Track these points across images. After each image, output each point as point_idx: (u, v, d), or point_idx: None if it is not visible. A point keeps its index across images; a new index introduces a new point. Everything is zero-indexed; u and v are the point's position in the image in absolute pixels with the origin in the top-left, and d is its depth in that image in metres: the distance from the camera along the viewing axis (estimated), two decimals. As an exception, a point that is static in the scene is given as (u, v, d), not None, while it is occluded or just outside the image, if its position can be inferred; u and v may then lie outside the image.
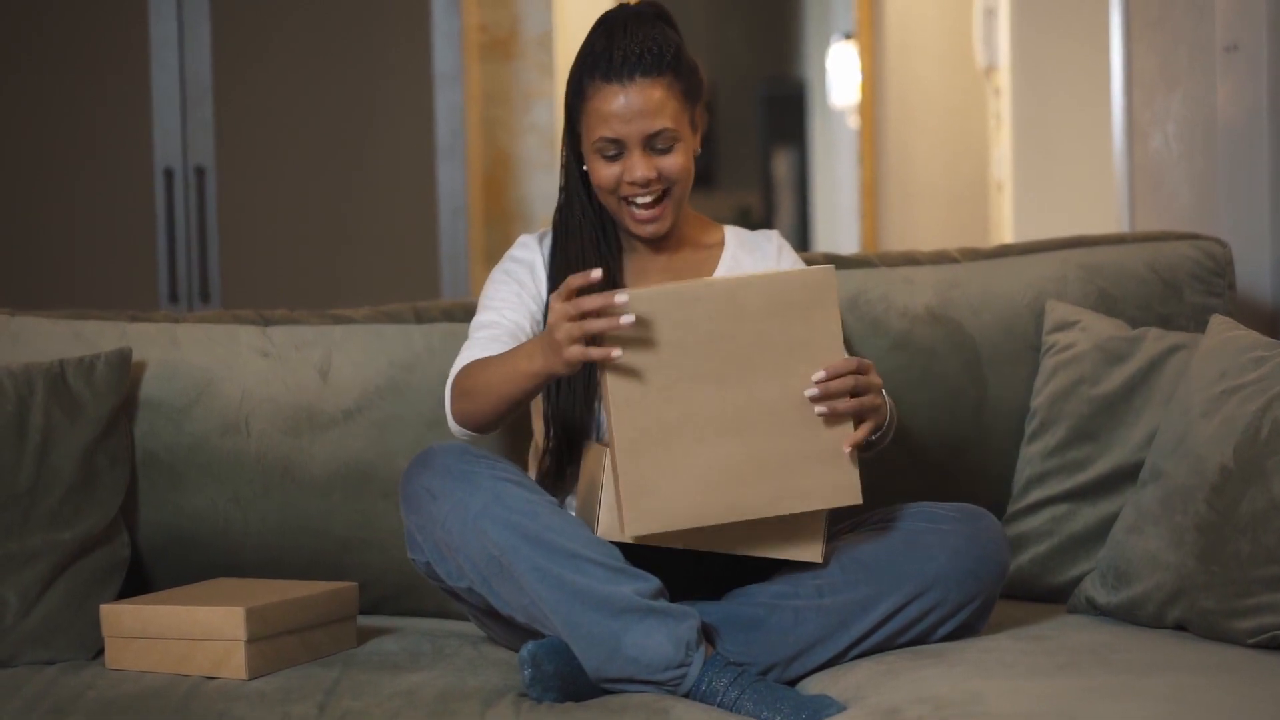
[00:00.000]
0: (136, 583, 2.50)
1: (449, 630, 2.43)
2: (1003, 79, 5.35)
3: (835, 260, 2.66)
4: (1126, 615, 2.26)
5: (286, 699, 2.10)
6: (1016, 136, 5.16)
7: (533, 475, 2.38)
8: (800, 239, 9.94)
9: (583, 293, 2.06)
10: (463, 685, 2.14)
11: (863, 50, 7.63)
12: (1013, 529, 2.50)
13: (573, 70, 2.34)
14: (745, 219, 9.49)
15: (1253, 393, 2.17)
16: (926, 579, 2.17)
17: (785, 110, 10.50)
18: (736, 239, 2.48)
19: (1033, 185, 5.14)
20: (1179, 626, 2.20)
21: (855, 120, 7.89)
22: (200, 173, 4.06)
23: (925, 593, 2.17)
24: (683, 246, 2.45)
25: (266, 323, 2.62)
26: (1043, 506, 2.49)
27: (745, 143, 10.60)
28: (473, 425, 2.28)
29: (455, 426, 2.31)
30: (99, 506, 2.41)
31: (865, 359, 2.11)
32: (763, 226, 2.67)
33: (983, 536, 2.21)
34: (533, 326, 2.38)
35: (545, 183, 4.45)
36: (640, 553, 2.14)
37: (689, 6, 9.61)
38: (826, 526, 2.19)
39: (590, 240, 2.39)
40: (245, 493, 2.53)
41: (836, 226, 9.07)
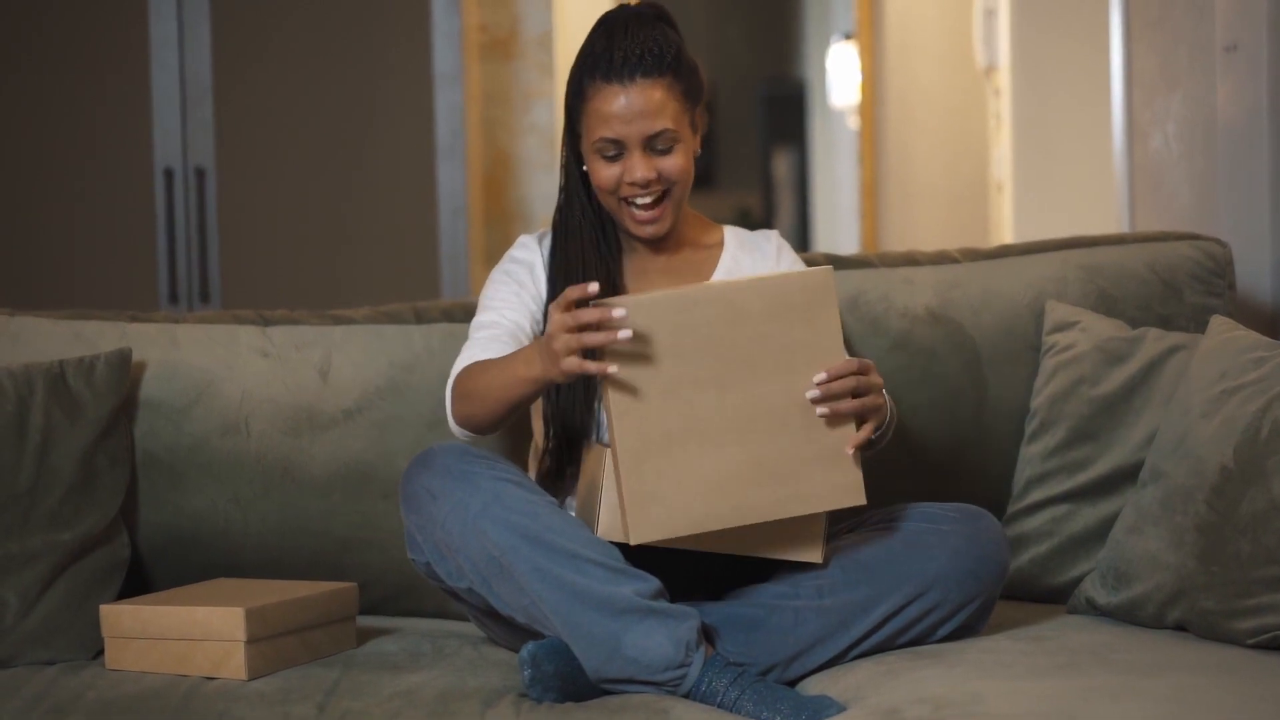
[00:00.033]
0: (136, 583, 2.50)
1: (449, 631, 2.43)
2: (1003, 79, 5.35)
3: (835, 260, 2.66)
4: (1126, 616, 2.26)
5: (286, 699, 2.10)
6: (1016, 137, 5.15)
7: (532, 475, 2.38)
8: (800, 239, 9.94)
9: (581, 304, 2.06)
10: (463, 686, 2.13)
11: (863, 50, 7.63)
12: (1013, 529, 2.50)
13: (573, 71, 2.34)
14: (745, 219, 9.48)
15: (1253, 393, 2.17)
16: (926, 579, 2.17)
17: (785, 110, 10.50)
18: (736, 239, 2.48)
19: (1033, 185, 5.13)
20: (1179, 627, 2.20)
21: (855, 120, 7.89)
22: (200, 173, 4.06)
23: (925, 593, 2.17)
24: (682, 247, 2.45)
25: (266, 323, 2.62)
26: (1043, 507, 2.49)
27: (745, 143, 10.59)
28: (473, 427, 2.28)
29: (456, 427, 2.31)
30: (99, 507, 2.41)
31: (866, 359, 2.11)
32: (763, 227, 2.67)
33: (983, 537, 2.21)
34: (532, 326, 2.38)
35: (545, 183, 4.45)
36: (640, 553, 2.14)
37: (689, 7, 9.61)
38: (826, 527, 2.19)
39: (590, 241, 2.39)
40: (245, 493, 2.53)
41: (836, 227, 9.07)
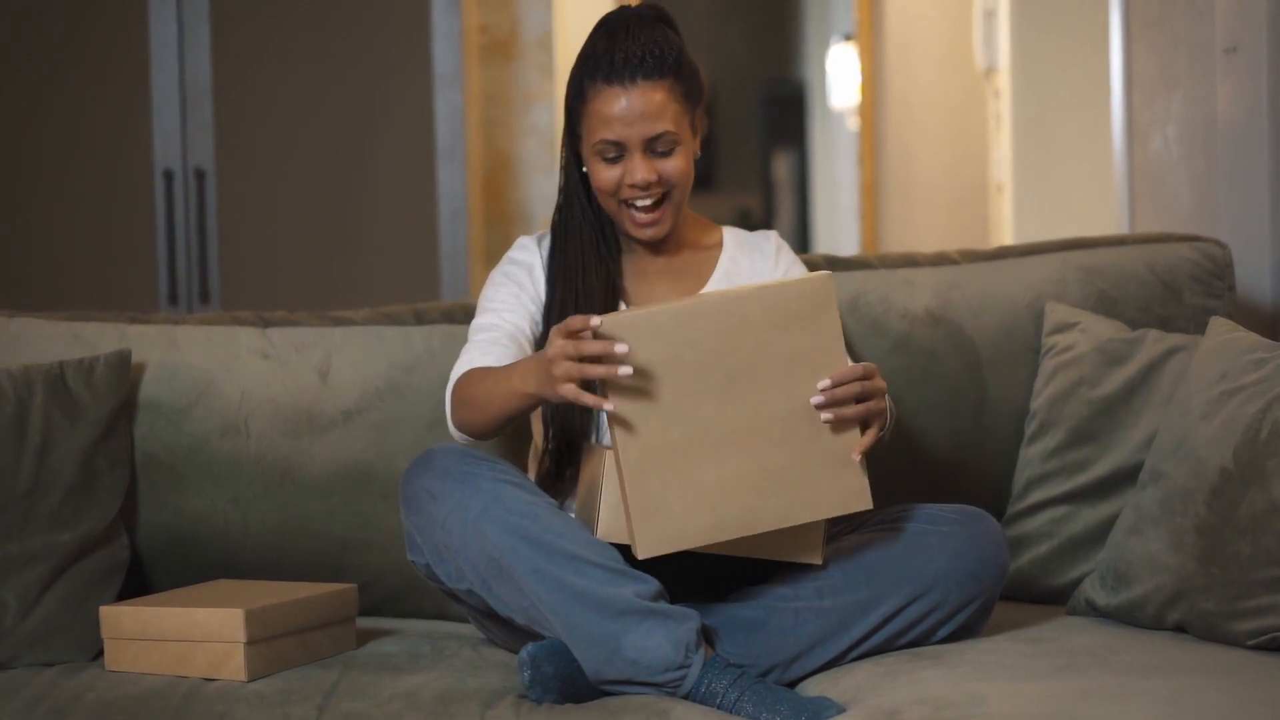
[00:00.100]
0: (136, 584, 2.50)
1: (448, 632, 2.43)
2: (1003, 80, 5.34)
3: (834, 262, 2.66)
4: (1126, 617, 2.26)
5: (286, 701, 2.10)
6: (1016, 138, 5.15)
7: (532, 477, 2.38)
8: (800, 241, 9.94)
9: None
10: (462, 687, 2.13)
11: (863, 52, 7.63)
12: (1012, 530, 2.50)
13: (573, 72, 2.34)
14: (745, 220, 9.47)
15: (1252, 394, 2.17)
16: (926, 581, 2.17)
17: (785, 112, 10.49)
18: (735, 240, 2.48)
19: (1033, 187, 5.13)
20: (1179, 628, 2.20)
21: (855, 122, 7.89)
22: (200, 174, 4.06)
23: (925, 594, 2.17)
24: (681, 248, 2.45)
25: (266, 324, 2.62)
26: (1042, 508, 2.49)
27: (745, 144, 10.59)
28: (472, 433, 2.28)
29: (455, 432, 2.31)
30: (98, 508, 2.40)
31: (870, 363, 2.11)
32: (762, 228, 2.66)
33: (982, 538, 2.21)
34: (532, 328, 2.38)
35: (545, 184, 4.45)
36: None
37: (689, 8, 9.61)
38: (826, 529, 2.19)
39: (589, 242, 2.39)
40: (245, 494, 2.53)
41: (836, 228, 9.07)
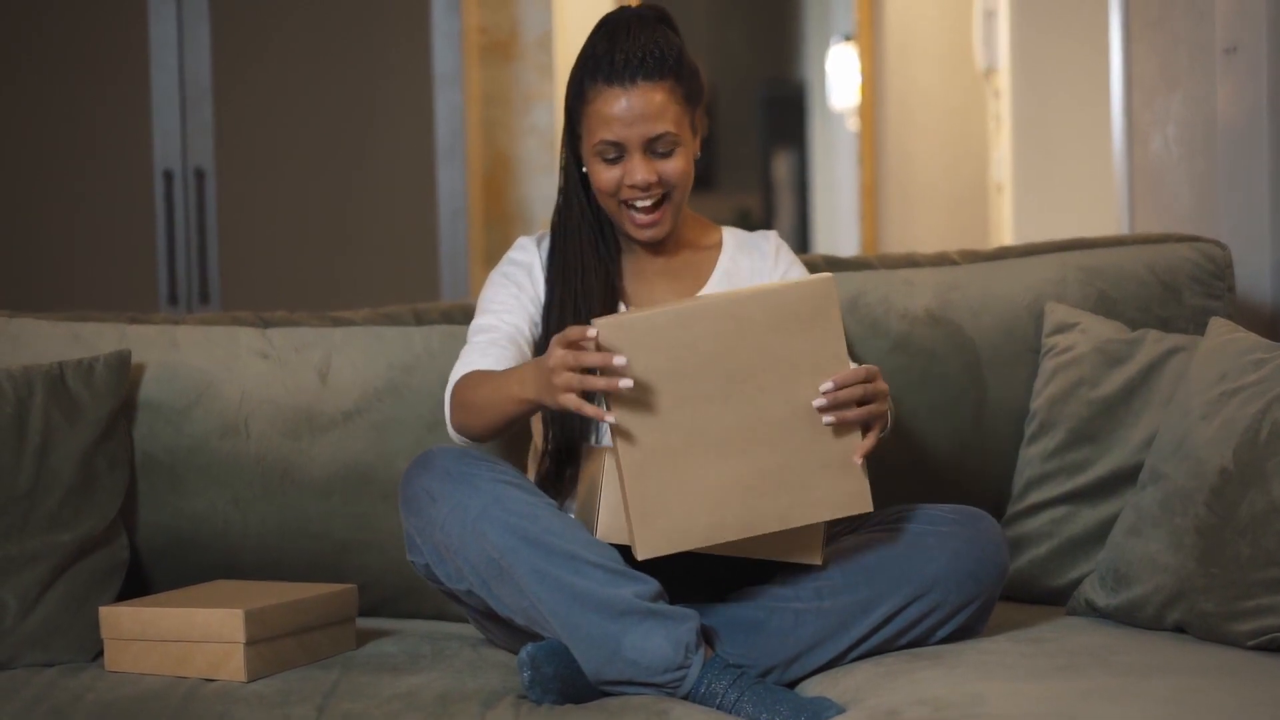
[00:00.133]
0: (136, 585, 2.50)
1: (448, 632, 2.43)
2: (1002, 81, 5.35)
3: (834, 262, 2.66)
4: (1126, 617, 2.26)
5: (285, 701, 2.10)
6: (1016, 138, 5.15)
7: (532, 477, 2.38)
8: (800, 241, 9.93)
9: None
10: (462, 687, 2.13)
11: (863, 52, 7.63)
12: (1012, 531, 2.50)
13: (573, 72, 2.34)
14: (745, 221, 9.48)
15: (1252, 395, 2.17)
16: (926, 581, 2.17)
17: (785, 112, 10.49)
18: (735, 240, 2.48)
19: (1033, 187, 5.13)
20: (1178, 629, 2.20)
21: (855, 122, 7.89)
22: (200, 174, 4.06)
23: (925, 595, 2.17)
24: (681, 248, 2.45)
25: (266, 324, 2.62)
26: (1042, 508, 2.49)
27: (745, 144, 10.59)
28: (471, 436, 2.28)
29: (454, 434, 2.31)
30: (98, 509, 2.40)
31: (872, 365, 2.11)
32: (762, 228, 2.66)
33: (982, 538, 2.21)
34: (531, 329, 2.38)
35: (545, 184, 4.45)
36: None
37: (689, 8, 9.61)
38: (826, 529, 2.19)
39: (589, 242, 2.39)
40: (244, 495, 2.53)
41: (836, 228, 9.07)
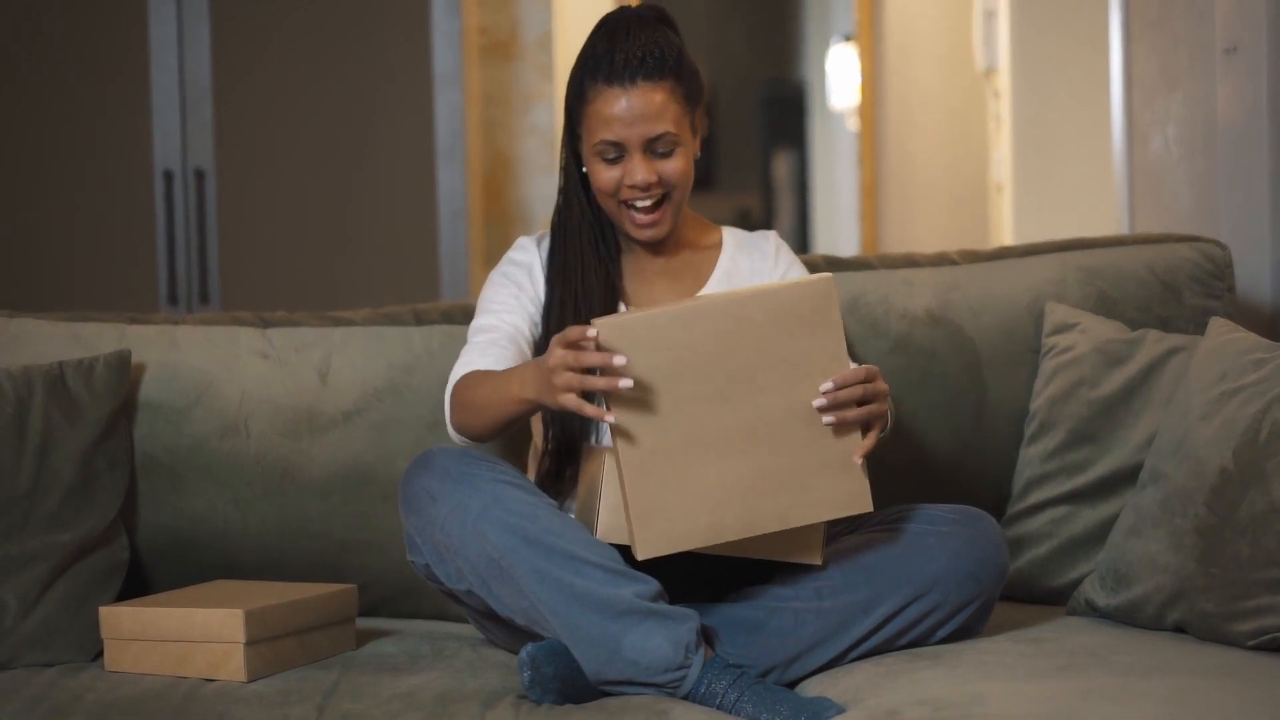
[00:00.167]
0: (136, 585, 2.50)
1: (448, 632, 2.43)
2: (1002, 81, 5.35)
3: (834, 262, 2.66)
4: (1126, 617, 2.26)
5: (285, 701, 2.10)
6: (1016, 138, 5.15)
7: (532, 477, 2.38)
8: (800, 241, 9.94)
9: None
10: (462, 687, 2.13)
11: (863, 52, 7.63)
12: (1012, 531, 2.50)
13: (574, 72, 2.34)
14: (745, 221, 9.47)
15: (1252, 395, 2.17)
16: (926, 581, 2.17)
17: (785, 112, 10.49)
18: (734, 240, 2.48)
19: (1033, 187, 5.13)
20: (1178, 629, 2.20)
21: (855, 122, 7.89)
22: (200, 175, 4.06)
23: (925, 595, 2.17)
24: (680, 248, 2.45)
25: (266, 325, 2.62)
26: (1042, 508, 2.49)
27: (745, 145, 10.59)
28: (471, 436, 2.28)
29: (454, 434, 2.31)
30: (98, 509, 2.40)
31: (872, 365, 2.11)
32: (762, 228, 2.66)
33: (982, 539, 2.21)
34: (531, 329, 2.38)
35: (545, 185, 4.45)
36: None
37: (689, 8, 9.61)
38: (826, 529, 2.19)
39: (588, 242, 2.39)
40: (244, 495, 2.53)
41: (836, 229, 9.07)
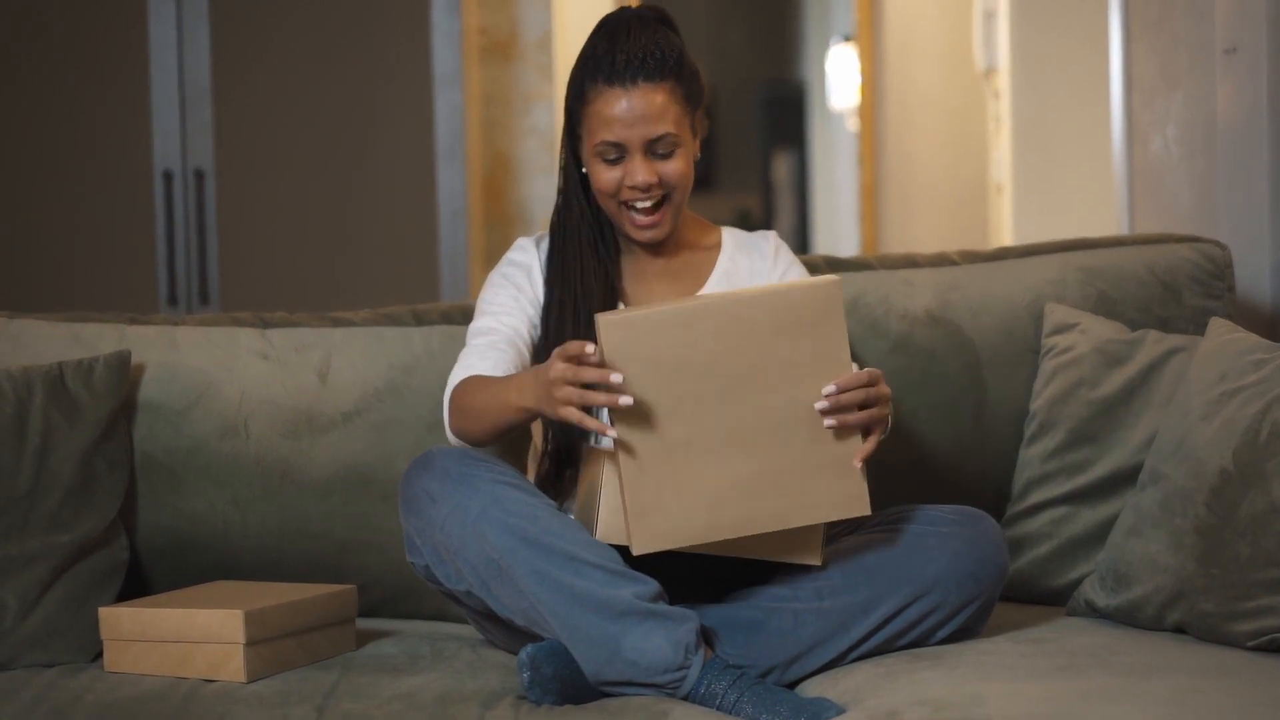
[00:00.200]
0: (135, 585, 2.50)
1: (448, 633, 2.43)
2: (1002, 81, 5.35)
3: (834, 263, 2.66)
4: (1126, 618, 2.26)
5: (285, 702, 2.09)
6: (1016, 139, 5.15)
7: (532, 478, 2.38)
8: (800, 241, 9.93)
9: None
10: (462, 688, 2.13)
11: (862, 53, 7.63)
12: (1012, 531, 2.50)
13: (574, 73, 2.34)
14: (745, 221, 9.47)
15: (1252, 395, 2.17)
16: (926, 581, 2.17)
17: (785, 113, 10.49)
18: (734, 240, 2.48)
19: (1032, 188, 5.13)
20: (1178, 629, 2.20)
21: (855, 123, 7.89)
22: (199, 175, 4.06)
23: (925, 595, 2.17)
24: (680, 249, 2.45)
25: (266, 325, 2.62)
26: (1042, 509, 2.49)
27: (745, 145, 10.58)
28: (469, 441, 2.28)
29: (453, 438, 2.31)
30: (98, 509, 2.40)
31: (875, 369, 2.10)
32: (762, 229, 2.66)
33: (982, 539, 2.21)
34: (530, 331, 2.38)
35: (545, 185, 4.45)
36: (639, 555, 2.14)
37: (689, 8, 9.60)
38: (825, 529, 2.19)
39: (588, 243, 2.39)
40: (244, 495, 2.53)
41: (836, 229, 9.07)
